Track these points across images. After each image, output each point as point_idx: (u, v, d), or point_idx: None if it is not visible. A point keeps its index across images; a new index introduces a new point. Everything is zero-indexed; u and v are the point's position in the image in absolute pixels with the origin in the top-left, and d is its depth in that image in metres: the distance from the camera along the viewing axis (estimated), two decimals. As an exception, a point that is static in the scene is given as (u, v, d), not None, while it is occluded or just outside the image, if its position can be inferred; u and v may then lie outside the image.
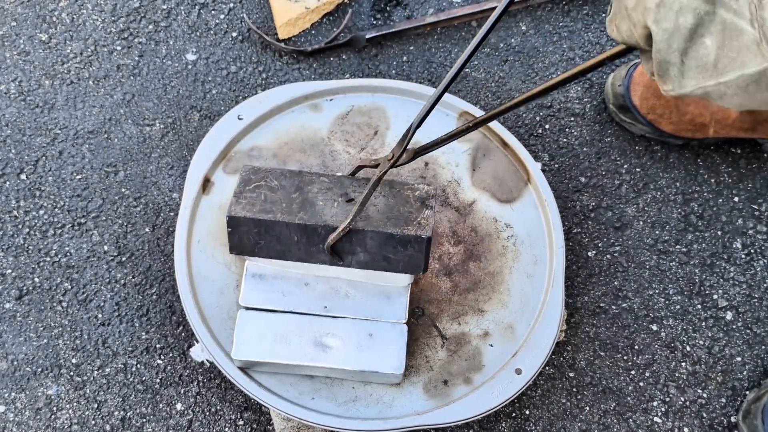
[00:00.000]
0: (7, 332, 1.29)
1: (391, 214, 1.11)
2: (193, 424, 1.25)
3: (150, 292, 1.32)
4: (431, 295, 1.23)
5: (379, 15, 1.56)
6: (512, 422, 1.26)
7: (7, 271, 1.32)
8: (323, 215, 1.10)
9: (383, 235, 1.09)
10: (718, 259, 1.38)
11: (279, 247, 1.13)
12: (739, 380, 1.31)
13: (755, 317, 1.34)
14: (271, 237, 1.12)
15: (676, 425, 1.27)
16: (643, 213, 1.41)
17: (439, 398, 1.16)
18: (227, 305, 1.21)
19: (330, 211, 1.11)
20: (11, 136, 1.42)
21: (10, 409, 1.24)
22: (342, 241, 1.10)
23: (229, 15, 1.54)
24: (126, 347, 1.29)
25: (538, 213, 1.30)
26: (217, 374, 1.27)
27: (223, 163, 1.30)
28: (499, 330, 1.22)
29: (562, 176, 1.43)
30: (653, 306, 1.34)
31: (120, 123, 1.44)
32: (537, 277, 1.26)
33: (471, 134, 1.35)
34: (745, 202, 1.42)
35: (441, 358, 1.19)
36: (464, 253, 1.27)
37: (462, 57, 1.02)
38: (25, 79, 1.47)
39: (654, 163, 1.44)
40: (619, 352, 1.31)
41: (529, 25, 1.55)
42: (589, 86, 1.50)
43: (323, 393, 1.16)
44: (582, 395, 1.29)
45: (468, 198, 1.31)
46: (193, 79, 1.48)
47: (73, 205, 1.37)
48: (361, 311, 1.18)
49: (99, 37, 1.51)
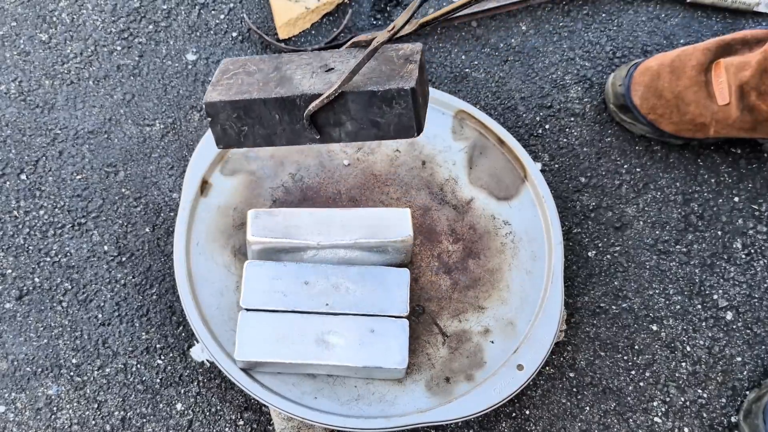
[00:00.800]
0: (7, 332, 1.29)
1: (373, 74, 1.01)
2: (193, 424, 1.25)
3: (150, 292, 1.32)
4: (431, 293, 1.23)
5: (379, 15, 1.56)
6: (512, 422, 1.26)
7: (7, 271, 1.32)
8: (301, 86, 1.02)
9: (365, 95, 0.98)
10: (718, 259, 1.38)
11: (263, 130, 1.05)
12: (739, 380, 1.31)
13: (755, 317, 1.34)
14: (252, 120, 1.04)
15: (676, 425, 1.27)
16: (643, 213, 1.41)
17: (441, 395, 1.16)
18: (227, 306, 1.21)
19: (308, 82, 1.02)
20: (11, 136, 1.42)
21: (10, 409, 1.24)
22: (324, 111, 1.02)
23: (229, 15, 1.54)
24: (126, 347, 1.28)
25: (535, 210, 1.30)
26: (217, 374, 1.27)
27: (221, 165, 1.30)
28: (499, 326, 1.22)
29: (562, 176, 1.43)
30: (653, 306, 1.34)
31: (120, 123, 1.44)
32: (536, 273, 1.26)
33: (467, 132, 1.35)
34: (746, 202, 1.42)
35: (442, 355, 1.19)
36: (463, 251, 1.27)
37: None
38: (25, 79, 1.47)
39: (654, 163, 1.45)
40: (619, 352, 1.31)
41: (529, 25, 1.56)
42: (589, 86, 1.50)
43: (326, 392, 1.16)
44: (582, 395, 1.28)
45: (466, 196, 1.31)
46: (193, 79, 1.48)
47: (73, 205, 1.37)
48: (363, 307, 1.18)
49: (99, 37, 1.51)
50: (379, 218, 1.20)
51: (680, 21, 1.57)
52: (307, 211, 1.21)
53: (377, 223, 1.19)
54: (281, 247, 1.19)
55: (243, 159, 1.31)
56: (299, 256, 1.21)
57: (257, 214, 1.20)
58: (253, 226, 1.19)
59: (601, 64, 1.52)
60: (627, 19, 1.56)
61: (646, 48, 1.53)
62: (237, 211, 1.27)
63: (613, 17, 1.56)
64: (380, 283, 1.19)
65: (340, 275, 1.19)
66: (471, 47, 1.53)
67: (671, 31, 1.56)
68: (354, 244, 1.18)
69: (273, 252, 1.20)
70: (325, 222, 1.20)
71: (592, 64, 1.52)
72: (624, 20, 1.56)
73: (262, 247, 1.19)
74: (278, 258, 1.21)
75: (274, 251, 1.20)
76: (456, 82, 1.50)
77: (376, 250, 1.20)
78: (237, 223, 1.27)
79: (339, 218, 1.20)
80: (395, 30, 0.99)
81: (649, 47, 1.53)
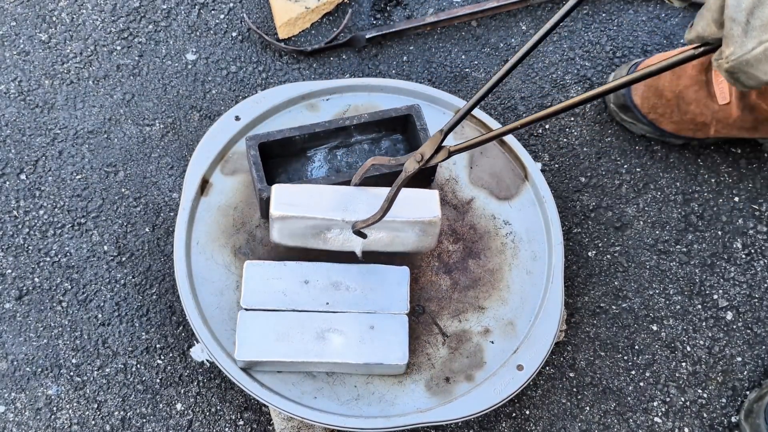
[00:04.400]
0: (7, 332, 1.28)
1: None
2: (193, 424, 1.25)
3: (150, 292, 1.32)
4: (431, 293, 1.23)
5: (379, 15, 1.56)
6: (512, 422, 1.26)
7: (7, 271, 1.32)
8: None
9: None
10: (718, 259, 1.38)
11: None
12: (739, 380, 1.31)
13: (755, 317, 1.34)
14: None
15: (676, 425, 1.27)
16: (644, 213, 1.41)
17: (441, 395, 1.16)
18: (228, 306, 1.21)
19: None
20: (11, 136, 1.42)
21: (10, 409, 1.24)
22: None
23: (229, 15, 1.54)
24: (126, 347, 1.28)
25: (536, 210, 1.30)
26: (217, 374, 1.27)
27: (221, 165, 1.30)
28: (499, 326, 1.22)
29: (562, 176, 1.43)
30: (653, 306, 1.34)
31: (120, 123, 1.44)
32: (536, 273, 1.26)
33: (468, 132, 1.35)
34: (746, 202, 1.42)
35: (442, 355, 1.19)
36: (463, 251, 1.27)
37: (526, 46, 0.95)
38: (25, 79, 1.47)
39: (654, 163, 1.45)
40: (620, 352, 1.31)
41: (529, 25, 1.56)
42: (590, 86, 1.50)
43: (325, 392, 1.16)
44: (582, 395, 1.28)
45: (466, 196, 1.31)
46: (193, 79, 1.48)
47: (73, 205, 1.37)
48: (363, 305, 1.18)
49: (99, 37, 1.51)
50: (406, 197, 1.14)
51: (680, 21, 1.57)
52: (332, 188, 1.16)
53: (404, 202, 1.13)
54: (305, 224, 1.14)
55: (243, 159, 1.31)
56: (323, 235, 1.17)
57: (280, 189, 1.15)
58: (276, 201, 1.13)
59: (601, 63, 1.52)
60: (627, 18, 1.56)
61: (646, 48, 1.53)
62: (237, 210, 1.27)
63: (613, 17, 1.56)
64: (380, 282, 1.19)
65: (340, 274, 1.19)
66: (471, 47, 1.53)
67: (671, 30, 1.56)
68: (380, 223, 1.13)
69: (295, 231, 1.16)
70: (350, 199, 1.14)
71: (592, 64, 1.52)
72: (624, 20, 1.56)
73: (284, 224, 1.14)
74: (300, 238, 1.17)
75: (297, 230, 1.16)
76: (456, 82, 1.50)
77: (402, 230, 1.15)
78: (237, 222, 1.26)
79: (365, 196, 1.15)
80: (426, 158, 1.01)
81: (649, 47, 1.53)
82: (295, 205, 1.13)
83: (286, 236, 1.17)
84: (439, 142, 1.01)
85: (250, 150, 1.22)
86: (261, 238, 1.25)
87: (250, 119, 1.32)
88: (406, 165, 1.04)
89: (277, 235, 1.17)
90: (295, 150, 1.27)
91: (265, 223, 1.26)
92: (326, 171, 1.28)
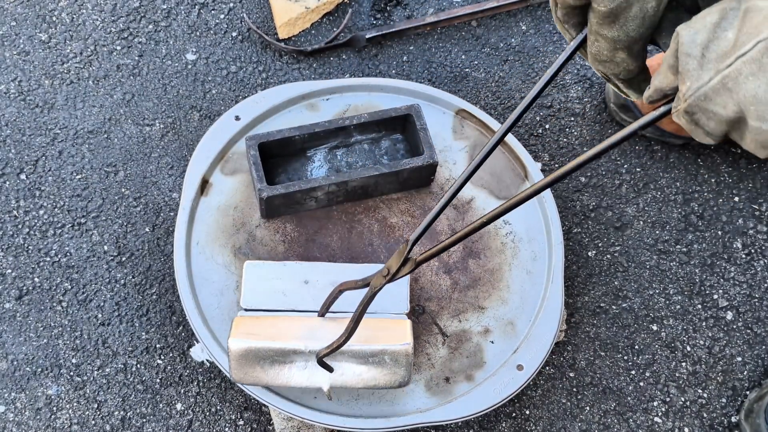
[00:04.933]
0: (7, 332, 1.28)
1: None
2: (193, 424, 1.25)
3: (150, 292, 1.32)
4: (431, 293, 1.23)
5: (379, 15, 1.56)
6: (512, 422, 1.26)
7: (7, 271, 1.32)
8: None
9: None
10: (718, 259, 1.38)
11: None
12: (739, 380, 1.31)
13: (755, 317, 1.34)
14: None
15: (676, 425, 1.27)
16: (644, 213, 1.41)
17: (441, 395, 1.16)
18: (227, 306, 1.21)
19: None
20: (11, 136, 1.42)
21: (10, 409, 1.24)
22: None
23: (229, 15, 1.54)
24: (126, 347, 1.28)
25: (536, 209, 1.30)
26: (217, 374, 1.27)
27: (221, 164, 1.30)
28: (499, 326, 1.22)
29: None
30: (653, 306, 1.34)
31: (120, 123, 1.44)
32: (536, 273, 1.26)
33: (468, 131, 1.35)
34: (746, 202, 1.42)
35: (442, 355, 1.19)
36: (463, 251, 1.27)
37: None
38: (25, 78, 1.47)
39: (654, 163, 1.45)
40: (620, 352, 1.31)
41: (529, 25, 1.56)
42: (589, 86, 1.50)
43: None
44: (582, 395, 1.28)
45: (466, 195, 1.31)
46: (193, 78, 1.48)
47: (73, 205, 1.37)
48: None
49: (99, 37, 1.51)
50: (375, 326, 1.11)
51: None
52: (298, 319, 1.12)
53: (373, 331, 1.09)
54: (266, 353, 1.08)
55: (243, 159, 1.31)
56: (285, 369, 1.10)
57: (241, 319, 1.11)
58: (236, 330, 1.08)
59: (601, 63, 1.52)
60: (627, 18, 1.56)
61: (646, 48, 1.53)
62: (237, 210, 1.27)
63: (613, 17, 1.56)
64: None
65: (340, 274, 1.19)
66: (471, 47, 1.53)
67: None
68: (347, 351, 1.08)
69: (256, 359, 1.08)
70: (317, 329, 1.10)
71: (592, 64, 1.52)
72: (624, 20, 1.56)
73: (243, 352, 1.07)
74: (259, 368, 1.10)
75: (256, 358, 1.08)
76: (456, 82, 1.50)
77: (371, 361, 1.09)
78: (237, 222, 1.26)
79: (331, 325, 1.10)
80: (392, 273, 0.95)
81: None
82: (255, 334, 1.08)
83: (246, 369, 1.09)
84: (405, 254, 0.94)
85: (249, 150, 1.22)
86: (261, 238, 1.25)
87: (250, 119, 1.32)
88: (373, 282, 0.97)
89: (236, 370, 1.09)
90: (295, 150, 1.28)
91: (265, 223, 1.26)
92: (326, 171, 1.28)
